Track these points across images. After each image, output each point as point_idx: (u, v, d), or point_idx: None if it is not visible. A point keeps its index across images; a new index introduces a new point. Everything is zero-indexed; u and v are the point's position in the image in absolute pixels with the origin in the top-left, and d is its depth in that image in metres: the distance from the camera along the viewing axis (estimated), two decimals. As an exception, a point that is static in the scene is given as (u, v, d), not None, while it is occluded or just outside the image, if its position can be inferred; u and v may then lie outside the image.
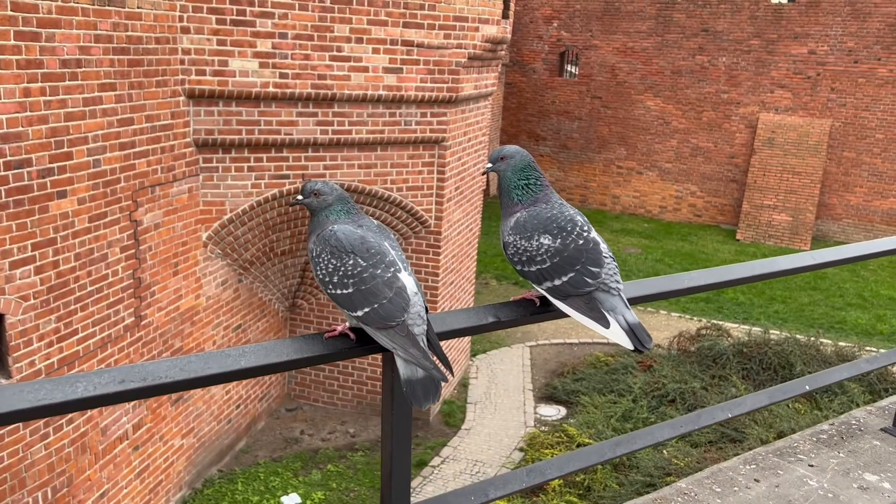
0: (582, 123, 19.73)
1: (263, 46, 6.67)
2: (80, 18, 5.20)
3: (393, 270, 1.51)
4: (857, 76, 16.89)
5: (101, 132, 5.55)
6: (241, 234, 7.37)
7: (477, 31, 7.85)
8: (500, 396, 9.55)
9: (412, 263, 8.38)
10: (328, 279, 1.52)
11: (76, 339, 5.58)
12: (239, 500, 7.26)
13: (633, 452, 2.10)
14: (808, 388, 2.50)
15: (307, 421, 8.86)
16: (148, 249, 6.28)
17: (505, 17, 8.75)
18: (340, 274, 1.51)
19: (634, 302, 1.77)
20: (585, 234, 1.64)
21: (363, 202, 7.89)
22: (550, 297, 1.63)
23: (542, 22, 19.53)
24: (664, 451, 7.05)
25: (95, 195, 5.59)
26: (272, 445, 8.34)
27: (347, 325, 1.54)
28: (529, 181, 1.72)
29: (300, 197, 1.66)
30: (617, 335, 1.57)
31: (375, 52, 7.17)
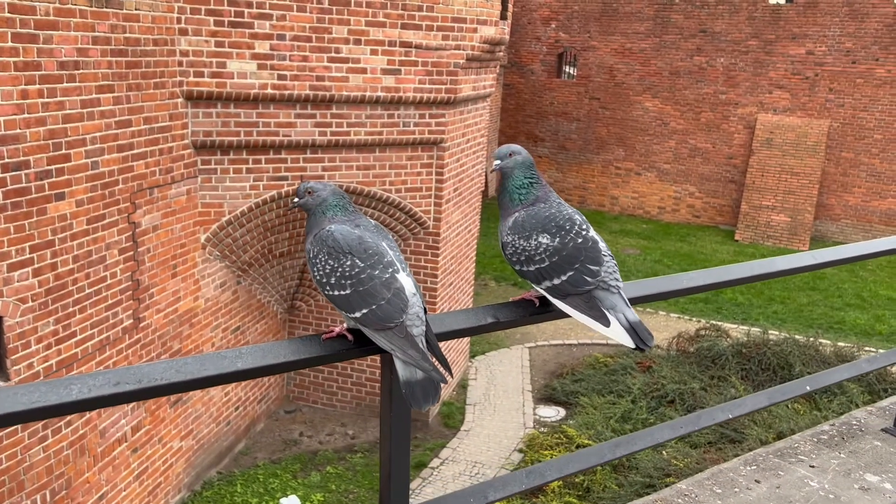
0: (580, 124, 19.73)
1: (262, 48, 6.67)
2: (77, 20, 5.19)
3: (391, 271, 1.50)
4: (854, 76, 16.90)
5: (99, 134, 5.54)
6: (239, 235, 7.36)
7: (475, 32, 7.84)
8: (499, 398, 9.53)
9: (411, 265, 8.37)
10: (326, 280, 1.51)
11: (74, 341, 5.57)
12: (238, 502, 7.25)
13: (632, 454, 2.09)
14: (808, 388, 2.50)
15: (306, 422, 8.85)
16: (146, 251, 6.27)
17: (503, 18, 8.75)
18: (338, 275, 1.50)
19: (634, 302, 1.76)
20: (584, 232, 1.63)
21: (362, 203, 7.88)
22: (550, 296, 1.62)
23: (540, 23, 19.53)
24: (663, 451, 7.04)
25: (93, 197, 5.58)
26: (271, 447, 8.32)
27: (345, 326, 1.53)
28: (533, 180, 1.71)
29: (296, 199, 1.65)
30: (618, 334, 1.55)
31: (374, 53, 7.17)
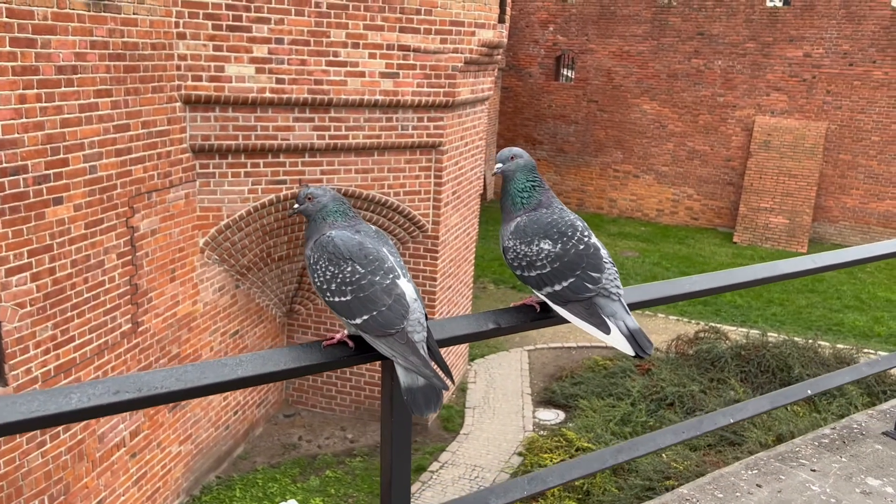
0: (578, 127, 19.74)
1: (260, 52, 6.66)
2: (75, 25, 5.18)
3: (392, 277, 1.49)
4: (852, 79, 16.93)
5: (97, 138, 5.53)
6: (238, 239, 7.35)
7: (473, 35, 7.84)
8: (498, 401, 9.52)
9: (410, 268, 8.36)
10: (326, 286, 1.50)
11: (73, 346, 5.55)
12: (237, 507, 7.23)
13: (634, 459, 2.08)
14: (809, 392, 2.49)
15: (305, 427, 8.83)
16: (145, 256, 6.26)
17: (501, 21, 8.75)
18: (338, 281, 1.49)
19: (636, 307, 1.75)
20: (586, 239, 1.62)
21: (360, 207, 7.87)
22: (550, 302, 1.61)
23: (538, 26, 19.55)
24: (663, 454, 7.03)
25: (92, 201, 5.56)
26: (270, 451, 8.30)
27: (346, 332, 1.52)
28: (535, 183, 1.70)
29: (297, 205, 1.64)
30: (617, 341, 1.55)
31: (372, 57, 7.16)
